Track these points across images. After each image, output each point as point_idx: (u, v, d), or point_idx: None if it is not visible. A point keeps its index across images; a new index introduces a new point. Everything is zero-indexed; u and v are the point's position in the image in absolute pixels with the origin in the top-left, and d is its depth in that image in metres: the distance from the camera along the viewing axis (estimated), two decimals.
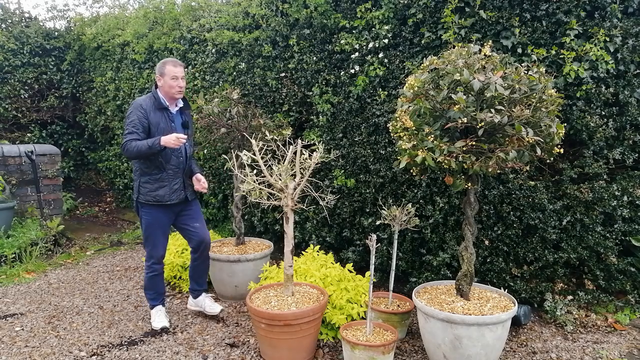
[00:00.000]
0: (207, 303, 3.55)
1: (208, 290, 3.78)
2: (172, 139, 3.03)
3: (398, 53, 3.73)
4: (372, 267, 2.79)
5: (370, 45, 3.83)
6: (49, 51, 7.88)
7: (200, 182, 3.37)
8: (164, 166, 3.23)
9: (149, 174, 3.24)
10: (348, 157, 4.07)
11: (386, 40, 3.76)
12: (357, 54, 3.92)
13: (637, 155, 3.21)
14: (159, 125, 3.19)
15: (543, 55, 3.12)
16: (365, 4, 3.84)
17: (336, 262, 3.68)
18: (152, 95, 3.25)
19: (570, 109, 3.18)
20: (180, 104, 3.37)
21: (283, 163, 2.93)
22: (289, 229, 2.99)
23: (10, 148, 5.88)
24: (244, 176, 2.97)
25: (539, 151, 2.44)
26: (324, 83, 4.19)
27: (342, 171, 4.12)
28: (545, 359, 2.96)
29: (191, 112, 3.85)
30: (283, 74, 4.47)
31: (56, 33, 8.07)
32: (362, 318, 3.07)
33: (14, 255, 4.93)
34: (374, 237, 2.71)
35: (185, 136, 3.10)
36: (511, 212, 3.32)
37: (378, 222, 3.40)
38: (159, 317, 3.44)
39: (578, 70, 3.05)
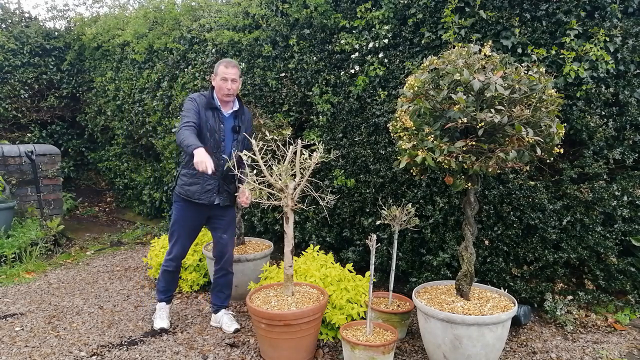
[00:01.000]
0: (224, 320, 3.41)
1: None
2: (201, 161, 2.78)
3: (398, 53, 3.73)
4: (372, 267, 2.79)
5: (370, 45, 3.82)
6: (49, 51, 7.87)
7: (244, 195, 3.14)
8: None
9: (188, 167, 3.20)
10: (348, 157, 4.07)
11: (386, 40, 3.76)
12: (357, 54, 3.92)
13: (637, 155, 3.21)
14: (208, 123, 3.13)
15: (543, 55, 3.12)
16: (365, 4, 3.84)
17: (336, 262, 3.68)
18: (207, 93, 3.21)
19: (570, 109, 3.18)
20: (236, 107, 3.27)
21: (283, 163, 2.93)
22: (289, 229, 2.99)
23: (10, 148, 5.88)
24: (244, 177, 2.97)
25: (539, 151, 2.44)
26: (324, 83, 4.19)
27: (342, 171, 4.11)
28: (545, 359, 2.96)
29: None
30: (283, 74, 4.47)
31: (56, 33, 8.06)
32: (362, 318, 3.07)
33: (14, 255, 4.93)
34: (374, 237, 2.71)
35: (211, 168, 2.81)
36: (511, 212, 3.32)
37: (378, 222, 3.40)
38: (160, 317, 3.43)
39: (578, 70, 3.05)
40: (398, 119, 2.83)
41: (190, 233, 3.36)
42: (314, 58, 4.21)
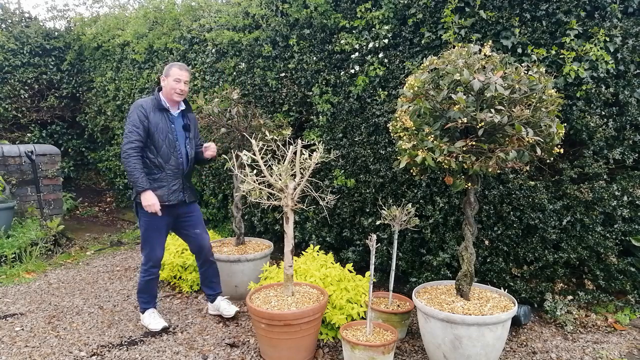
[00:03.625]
0: (222, 306, 3.53)
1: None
2: (150, 204, 3.13)
3: (398, 53, 3.73)
4: (372, 267, 2.79)
5: (370, 45, 3.82)
6: (49, 51, 7.87)
7: (210, 149, 3.44)
8: (163, 166, 3.26)
9: (148, 173, 3.22)
10: (348, 157, 4.07)
11: (386, 40, 3.76)
12: (357, 54, 3.92)
13: (637, 155, 3.21)
14: (159, 125, 3.23)
15: (543, 55, 3.12)
16: (365, 4, 3.84)
17: (336, 262, 3.68)
18: (154, 96, 3.31)
19: (570, 109, 3.18)
20: (183, 106, 3.41)
21: (283, 163, 2.93)
22: (289, 229, 2.99)
23: (10, 148, 5.88)
24: (244, 176, 2.97)
25: (539, 151, 2.44)
26: (324, 83, 4.19)
27: (342, 171, 4.11)
28: (545, 359, 2.96)
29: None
30: (283, 74, 4.47)
31: (56, 33, 8.07)
32: (362, 318, 3.07)
33: (14, 255, 4.93)
34: (374, 237, 2.71)
35: (158, 209, 3.17)
36: (511, 212, 3.32)
37: (378, 222, 3.40)
38: (154, 319, 3.41)
39: (578, 70, 3.05)
40: (398, 119, 2.83)
41: (163, 235, 3.39)
42: (314, 58, 4.21)
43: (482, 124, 2.31)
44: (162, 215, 3.26)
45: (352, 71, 3.96)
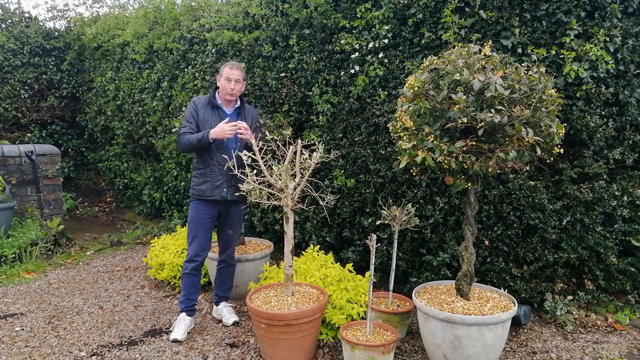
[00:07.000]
0: (224, 313, 3.55)
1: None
2: (225, 129, 3.13)
3: (398, 53, 3.73)
4: (372, 267, 2.79)
5: (370, 45, 3.82)
6: (49, 51, 7.87)
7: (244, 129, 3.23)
8: (208, 162, 3.31)
9: (197, 168, 3.38)
10: (348, 157, 4.07)
11: (386, 40, 3.76)
12: (357, 54, 3.92)
13: (637, 155, 3.21)
14: (207, 122, 3.29)
15: (543, 55, 3.12)
16: (365, 4, 3.84)
17: (336, 262, 3.68)
18: (211, 93, 3.40)
19: (570, 109, 3.18)
20: (238, 104, 3.44)
21: (283, 163, 2.93)
22: (289, 229, 2.99)
23: (10, 148, 5.88)
24: (244, 176, 2.97)
25: (539, 151, 2.44)
26: (324, 83, 4.19)
27: (342, 171, 4.11)
28: (545, 359, 2.96)
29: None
30: (283, 74, 4.47)
31: (56, 33, 8.06)
32: (362, 318, 3.07)
33: (14, 255, 4.93)
34: (374, 237, 2.71)
35: (239, 123, 3.17)
36: (511, 212, 3.32)
37: (378, 222, 3.40)
38: (177, 328, 3.28)
39: (578, 70, 3.05)
40: (398, 119, 2.83)
41: (206, 231, 3.38)
42: (314, 58, 4.20)
43: (482, 124, 2.31)
44: (206, 210, 3.33)
45: (352, 71, 3.96)
